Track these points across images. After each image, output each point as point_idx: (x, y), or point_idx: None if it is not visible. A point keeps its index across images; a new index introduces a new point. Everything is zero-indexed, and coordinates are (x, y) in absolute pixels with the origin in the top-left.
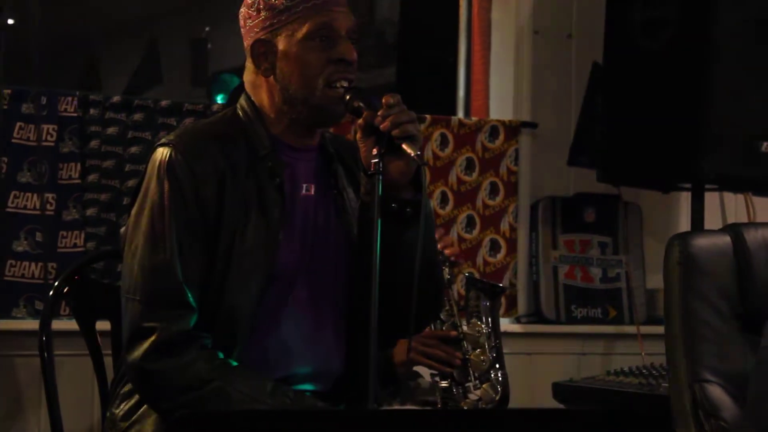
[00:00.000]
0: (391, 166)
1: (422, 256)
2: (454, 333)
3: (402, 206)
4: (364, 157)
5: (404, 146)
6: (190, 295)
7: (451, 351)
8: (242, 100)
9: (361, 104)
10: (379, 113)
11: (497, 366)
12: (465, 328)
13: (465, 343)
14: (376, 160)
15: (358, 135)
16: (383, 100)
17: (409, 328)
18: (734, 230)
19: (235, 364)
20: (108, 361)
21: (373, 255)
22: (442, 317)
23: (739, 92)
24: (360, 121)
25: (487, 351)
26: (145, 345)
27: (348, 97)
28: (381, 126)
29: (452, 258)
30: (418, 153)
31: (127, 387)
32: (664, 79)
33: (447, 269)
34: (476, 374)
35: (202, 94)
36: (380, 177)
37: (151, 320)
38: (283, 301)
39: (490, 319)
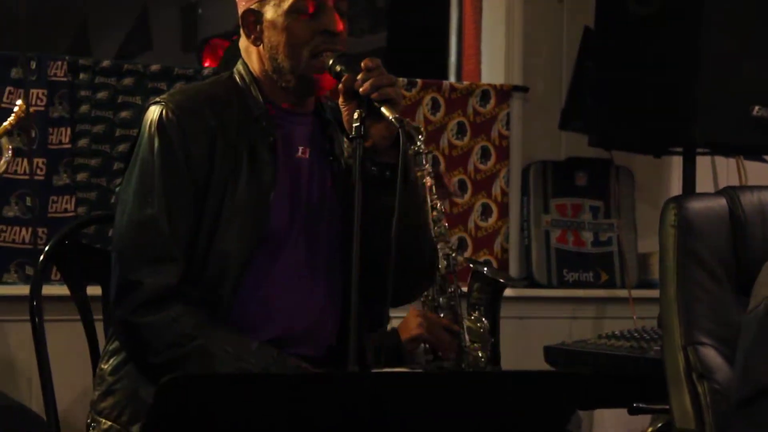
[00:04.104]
0: (372, 129)
1: (405, 220)
2: (457, 327)
3: (382, 169)
4: (346, 122)
5: (383, 109)
6: (176, 250)
7: (453, 341)
8: (239, 65)
9: (342, 68)
10: (358, 77)
11: (493, 365)
12: (466, 322)
13: (465, 335)
14: (357, 124)
15: (340, 99)
16: (363, 64)
17: (397, 294)
18: (730, 193)
19: (219, 322)
20: (99, 326)
21: (354, 219)
22: (441, 302)
23: (730, 57)
24: (341, 85)
25: (486, 347)
26: (132, 299)
27: (330, 62)
28: (360, 89)
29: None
30: (397, 116)
31: (115, 344)
32: (656, 44)
33: (451, 252)
34: (470, 369)
35: (192, 59)
36: (360, 140)
37: (138, 274)
38: (273, 263)
39: (491, 315)
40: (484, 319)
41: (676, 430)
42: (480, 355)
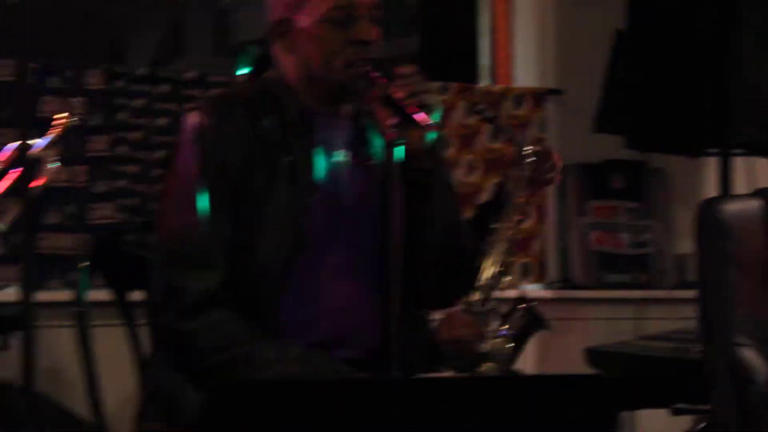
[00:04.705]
0: (408, 135)
1: (441, 224)
2: (482, 347)
3: (418, 174)
4: (382, 127)
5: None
6: (217, 255)
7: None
8: (273, 71)
9: (379, 75)
10: (394, 83)
11: None
12: (493, 342)
13: (488, 357)
14: (393, 130)
15: (376, 105)
16: (398, 71)
17: (436, 295)
18: (766, 195)
19: (262, 327)
20: (142, 331)
21: (392, 223)
22: (478, 312)
23: (764, 57)
24: (376, 92)
25: (504, 368)
26: (174, 305)
27: (365, 69)
28: (396, 96)
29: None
30: (432, 122)
31: (160, 348)
32: (689, 44)
33: (500, 270)
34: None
35: (225, 64)
36: (397, 145)
37: (180, 281)
38: (314, 267)
39: (518, 344)
40: (512, 343)
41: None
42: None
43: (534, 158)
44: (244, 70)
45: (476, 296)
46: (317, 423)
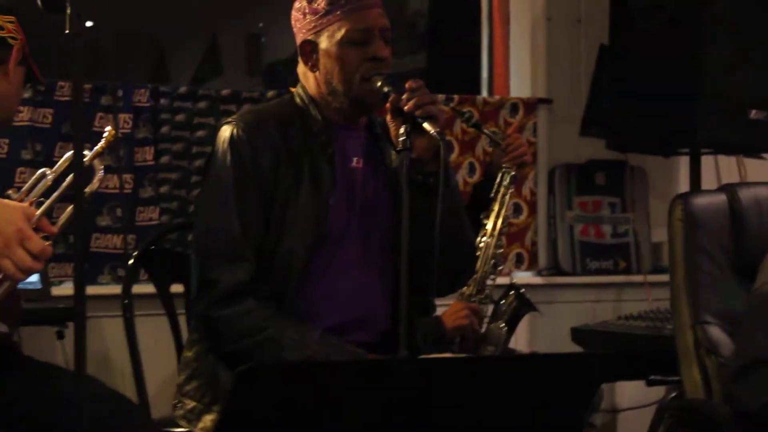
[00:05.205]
0: (416, 142)
1: (446, 221)
2: (481, 331)
3: (426, 177)
4: (394, 136)
5: (426, 125)
6: (248, 251)
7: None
8: (298, 88)
9: (389, 89)
10: (403, 97)
11: None
12: (490, 326)
13: (486, 340)
14: (403, 138)
15: (388, 117)
16: (407, 85)
17: (440, 284)
18: (729, 190)
19: (286, 313)
20: (182, 320)
21: (402, 220)
22: (475, 299)
23: (729, 66)
24: (387, 104)
25: (498, 349)
26: (209, 295)
27: (378, 84)
28: (405, 108)
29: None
30: (438, 130)
31: (197, 334)
32: (663, 57)
33: (497, 262)
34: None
35: (257, 82)
36: (407, 152)
37: (215, 273)
38: (333, 259)
39: (511, 326)
40: (504, 325)
41: (688, 400)
42: (502, 326)
43: (500, 137)
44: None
45: (473, 285)
46: (333, 399)
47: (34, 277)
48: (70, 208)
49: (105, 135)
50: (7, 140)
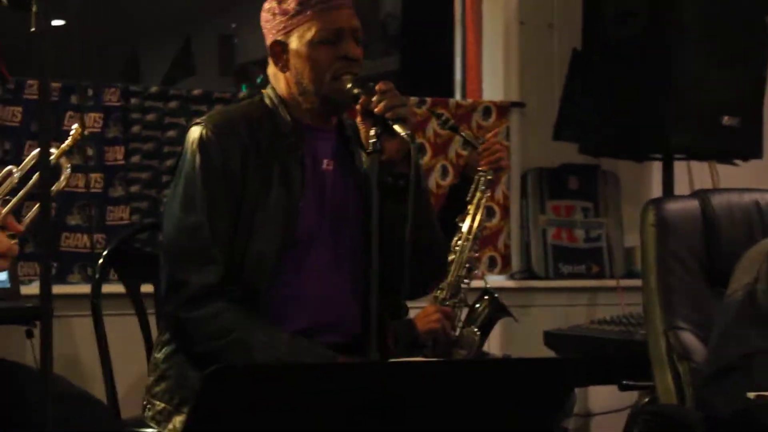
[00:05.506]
0: (386, 145)
1: (416, 222)
2: (454, 334)
3: (396, 179)
4: (364, 138)
5: (396, 127)
6: (218, 252)
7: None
8: (268, 89)
9: (360, 91)
10: (374, 99)
11: None
12: (463, 330)
13: (459, 343)
14: (374, 140)
15: (358, 119)
16: (377, 87)
17: (411, 287)
18: (702, 195)
19: (256, 315)
20: (152, 320)
21: (373, 222)
22: (448, 303)
23: (700, 73)
24: (358, 106)
25: (472, 352)
26: (178, 296)
27: (349, 86)
28: (376, 110)
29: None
30: (408, 132)
31: (167, 335)
32: (636, 62)
33: (470, 266)
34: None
35: (229, 83)
36: (377, 154)
37: (184, 275)
38: (303, 262)
39: (485, 330)
40: (477, 330)
41: (660, 405)
42: (476, 330)
43: (478, 141)
44: (243, 89)
45: (446, 289)
46: (302, 401)
47: (3, 276)
48: (36, 206)
49: (72, 133)
50: None
